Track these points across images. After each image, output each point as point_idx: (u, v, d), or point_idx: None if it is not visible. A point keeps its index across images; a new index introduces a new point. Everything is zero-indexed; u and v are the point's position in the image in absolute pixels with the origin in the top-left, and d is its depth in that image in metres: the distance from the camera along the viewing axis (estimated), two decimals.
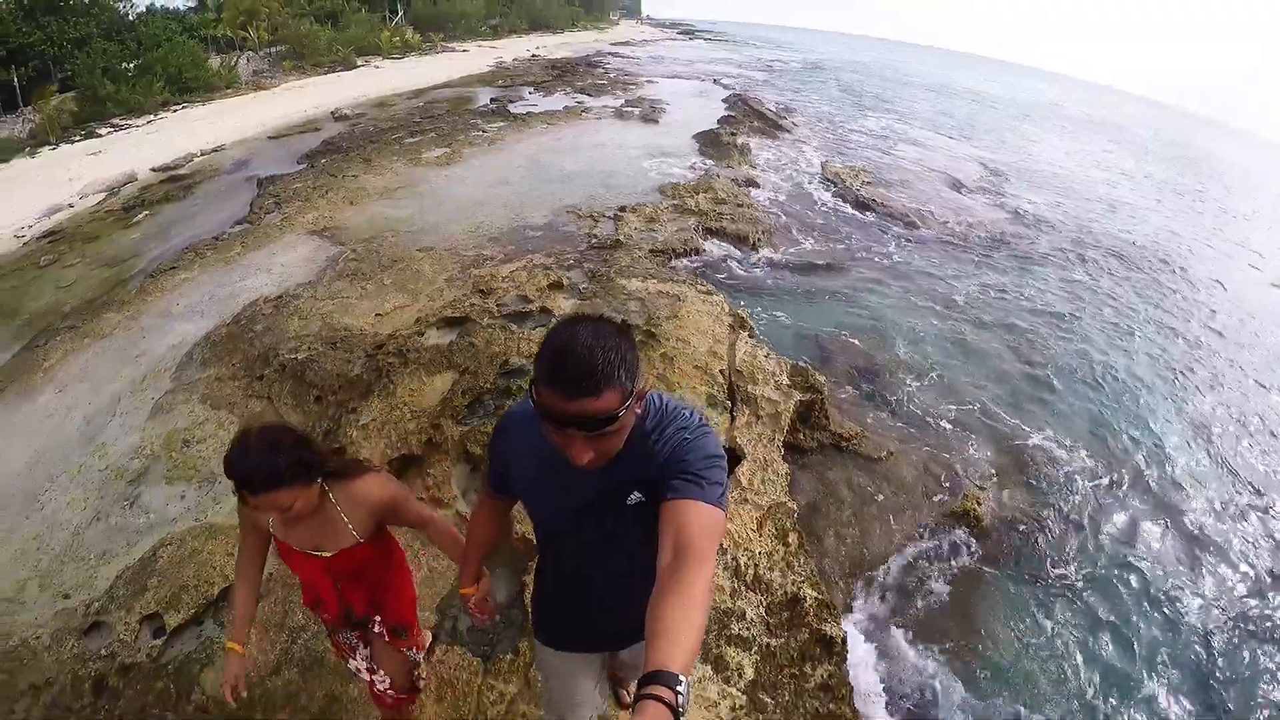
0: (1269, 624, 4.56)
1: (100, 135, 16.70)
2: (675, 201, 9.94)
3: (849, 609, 3.96)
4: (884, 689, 3.54)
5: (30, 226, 10.79)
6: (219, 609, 3.52)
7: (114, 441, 5.00)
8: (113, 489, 4.55)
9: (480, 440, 4.33)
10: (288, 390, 5.13)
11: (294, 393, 5.11)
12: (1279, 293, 12.01)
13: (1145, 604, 4.54)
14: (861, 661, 3.61)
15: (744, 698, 3.02)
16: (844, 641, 3.34)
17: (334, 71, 25.18)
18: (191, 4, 31.62)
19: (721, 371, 5.13)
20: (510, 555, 3.71)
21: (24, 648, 3.43)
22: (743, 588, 3.53)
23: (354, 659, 2.37)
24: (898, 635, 3.86)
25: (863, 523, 4.62)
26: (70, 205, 11.57)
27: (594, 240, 8.30)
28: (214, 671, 3.18)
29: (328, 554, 1.99)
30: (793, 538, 3.89)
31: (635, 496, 1.43)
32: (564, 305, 6.43)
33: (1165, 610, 4.51)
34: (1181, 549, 5.11)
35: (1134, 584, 4.69)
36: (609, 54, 36.54)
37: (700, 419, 1.47)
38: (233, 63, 23.33)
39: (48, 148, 16.03)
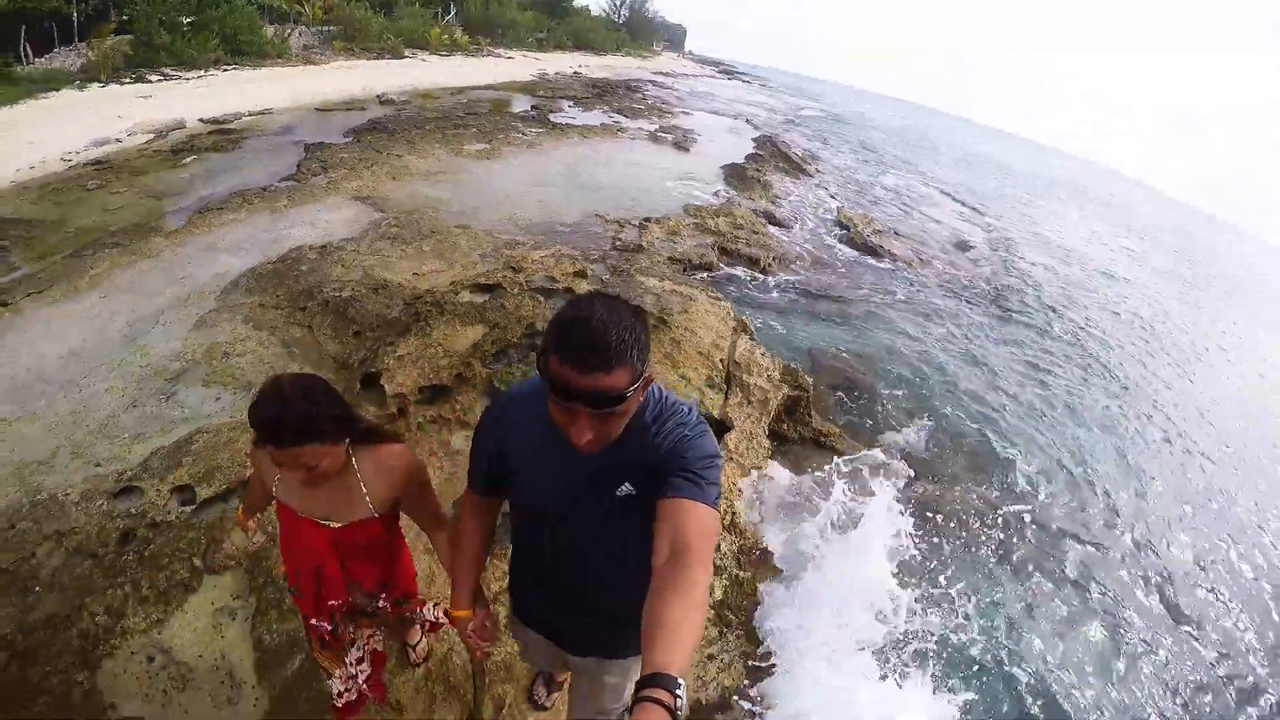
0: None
1: (150, 81, 17.38)
2: (697, 220, 10.70)
3: None
4: None
5: (77, 154, 11.33)
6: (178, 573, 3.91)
7: (156, 345, 5.45)
8: (151, 384, 4.99)
9: (505, 380, 4.83)
10: (328, 323, 5.62)
11: (334, 325, 5.60)
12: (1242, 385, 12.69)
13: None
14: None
15: (711, 613, 3.50)
16: None
17: (382, 58, 26.09)
18: None
19: (721, 360, 5.72)
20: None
21: (52, 501, 3.80)
22: (721, 528, 4.00)
23: (346, 658, 2.20)
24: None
25: None
26: (118, 140, 12.12)
27: (618, 242, 8.96)
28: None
29: (337, 525, 1.88)
30: None
31: (626, 489, 1.46)
32: (586, 289, 6.96)
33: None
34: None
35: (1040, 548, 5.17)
36: (648, 81, 37.64)
37: (697, 416, 1.49)
38: (286, 34, 24.22)
39: (97, 84, 16.64)
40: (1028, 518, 6.09)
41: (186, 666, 2.96)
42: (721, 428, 5.02)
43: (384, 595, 2.14)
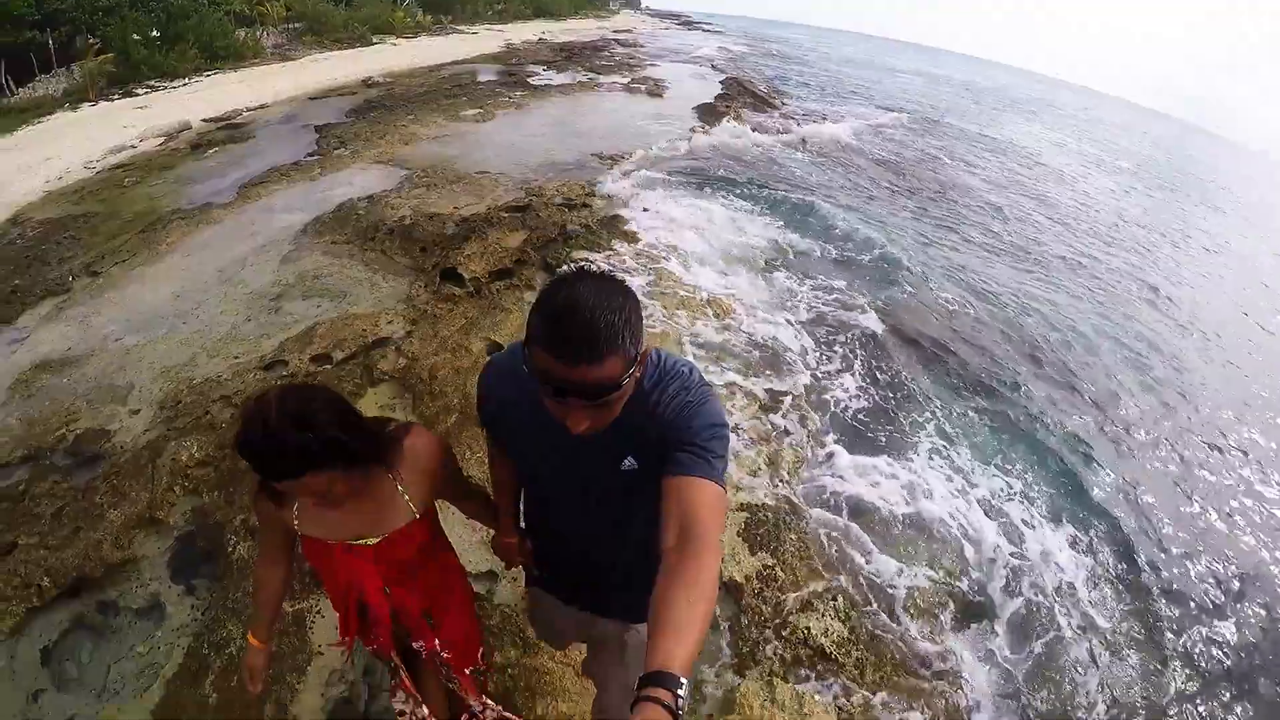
0: None
1: (138, 95, 18.76)
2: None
3: None
4: None
5: (98, 161, 12.75)
6: (377, 348, 5.34)
7: (250, 280, 6.90)
8: (258, 304, 6.44)
9: (557, 257, 6.28)
10: (397, 245, 7.12)
11: (402, 246, 7.10)
12: None
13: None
14: None
15: None
16: None
17: (352, 47, 27.52)
18: None
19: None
20: None
21: (208, 382, 5.22)
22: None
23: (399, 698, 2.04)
24: None
25: None
26: (133, 146, 13.53)
27: (616, 168, 11.19)
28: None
29: (374, 540, 1.67)
30: None
31: (629, 463, 1.46)
32: (599, 205, 8.56)
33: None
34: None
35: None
36: (612, 40, 39.60)
37: (700, 378, 1.46)
38: (257, 35, 25.59)
39: (87, 104, 18.01)
40: None
41: None
42: None
43: (437, 643, 1.94)
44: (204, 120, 14.97)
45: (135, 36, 20.74)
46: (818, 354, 6.38)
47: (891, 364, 6.65)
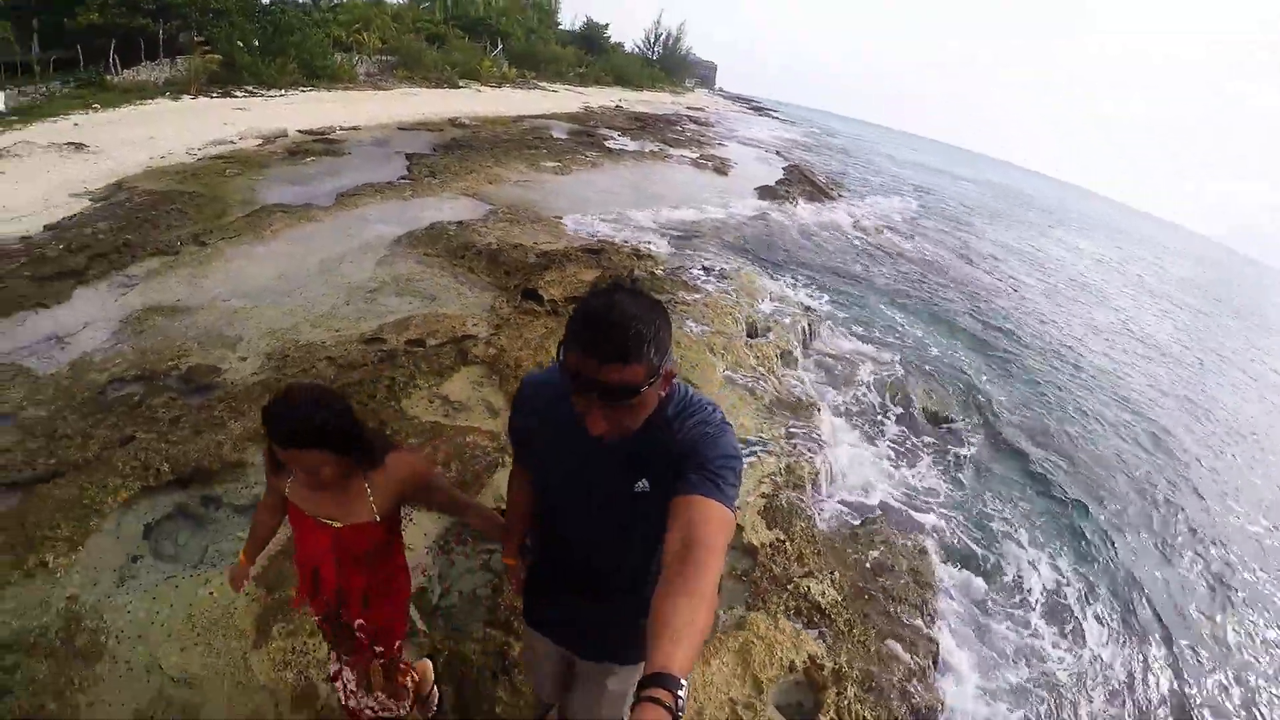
0: None
1: (236, 97, 20.58)
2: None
3: None
4: None
5: (199, 150, 14.22)
6: (466, 340, 6.34)
7: (349, 273, 8.02)
8: (356, 294, 7.53)
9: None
10: (483, 265, 8.28)
11: (488, 267, 8.24)
12: None
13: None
14: None
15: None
16: None
17: (440, 87, 29.78)
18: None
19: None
20: None
21: (313, 345, 6.26)
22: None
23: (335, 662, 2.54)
24: None
25: None
26: (232, 142, 15.05)
27: (679, 234, 12.63)
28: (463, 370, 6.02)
29: (339, 525, 2.11)
30: None
31: (642, 484, 1.60)
32: (662, 258, 9.97)
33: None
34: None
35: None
36: (685, 116, 42.19)
37: (722, 416, 1.62)
38: (354, 61, 27.84)
39: (187, 97, 19.82)
40: None
41: (459, 402, 5.45)
42: None
43: (360, 625, 2.35)
44: (300, 131, 16.56)
45: (240, 43, 22.75)
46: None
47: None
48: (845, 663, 3.87)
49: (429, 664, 3.13)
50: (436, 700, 3.10)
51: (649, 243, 11.23)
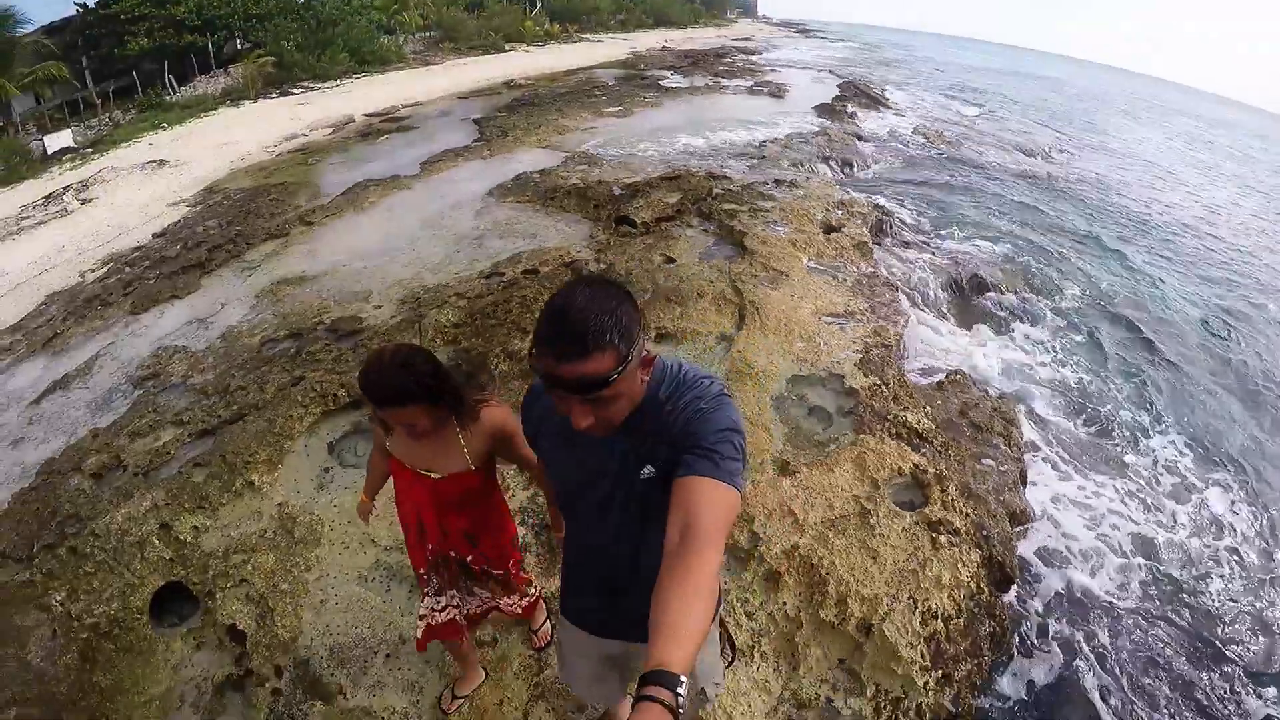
0: None
1: (294, 94, 21.64)
2: (802, 140, 14.85)
3: None
4: None
5: (275, 145, 15.23)
6: (576, 264, 6.97)
7: (452, 226, 8.74)
8: (464, 241, 8.23)
9: (709, 208, 8.16)
10: (574, 202, 8.91)
11: (578, 203, 8.88)
12: None
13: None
14: None
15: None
16: None
17: (487, 54, 30.48)
18: None
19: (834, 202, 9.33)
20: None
21: (442, 286, 6.96)
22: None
23: (434, 597, 2.69)
24: None
25: None
26: (304, 135, 16.06)
27: (748, 154, 12.97)
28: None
29: (437, 476, 2.34)
30: None
31: (648, 471, 1.62)
32: (736, 177, 10.54)
33: None
34: None
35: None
36: (732, 48, 41.83)
37: (720, 389, 1.63)
38: (401, 41, 28.78)
39: (248, 102, 20.95)
40: None
41: None
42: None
43: (473, 555, 2.61)
44: (365, 115, 17.48)
45: (286, 43, 23.85)
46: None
47: None
48: (945, 469, 4.54)
49: (542, 603, 3.33)
50: (548, 634, 3.34)
51: (721, 165, 11.70)
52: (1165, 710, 3.85)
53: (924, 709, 3.26)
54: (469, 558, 2.60)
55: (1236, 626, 4.57)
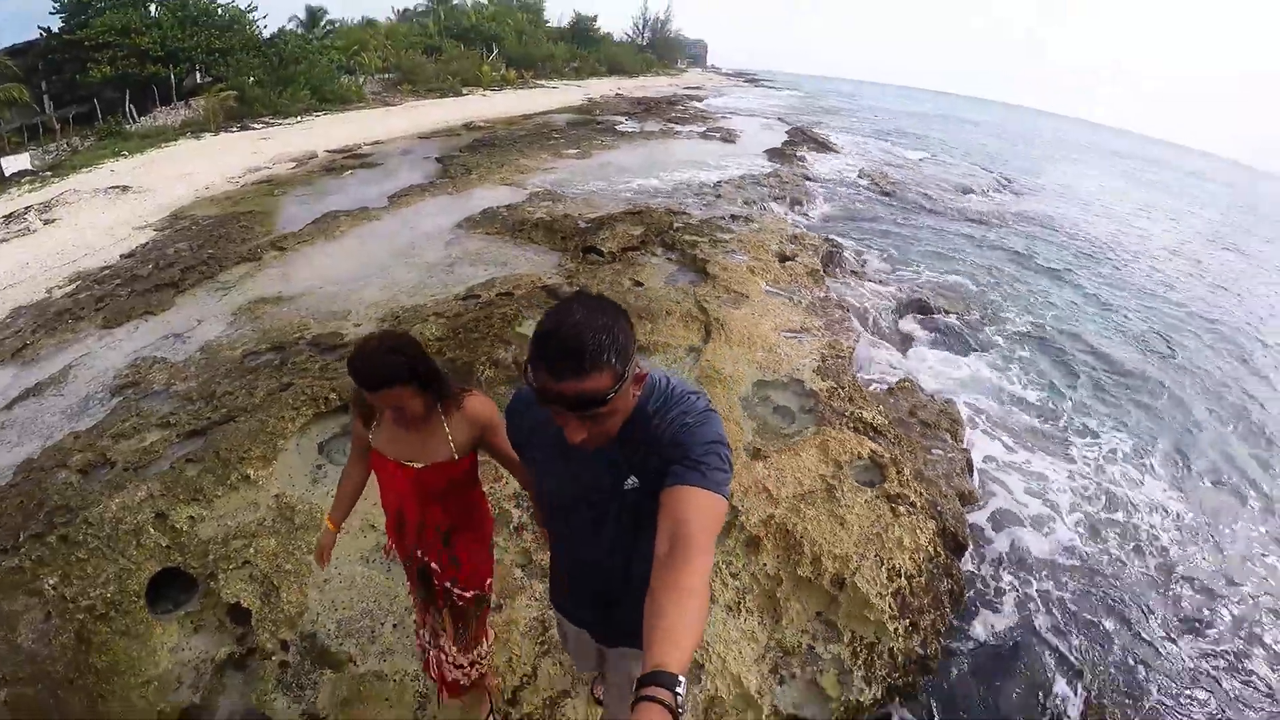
0: None
1: (255, 129, 21.70)
2: (754, 181, 15.52)
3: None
4: None
5: (239, 176, 15.30)
6: (538, 295, 7.26)
7: (423, 255, 8.98)
8: (435, 269, 8.48)
9: (672, 239, 8.45)
10: (540, 234, 9.27)
11: (545, 235, 9.22)
12: None
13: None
14: None
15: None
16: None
17: (446, 96, 30.99)
18: (300, 29, 38.34)
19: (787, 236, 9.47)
20: None
21: (415, 307, 7.18)
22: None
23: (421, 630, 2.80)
24: None
25: None
26: (268, 167, 16.15)
27: (704, 193, 13.52)
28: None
29: (420, 465, 2.36)
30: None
31: (632, 481, 1.67)
32: (694, 214, 10.94)
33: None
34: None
35: None
36: (684, 96, 43.50)
37: (706, 404, 1.68)
38: (361, 82, 29.08)
39: (209, 134, 20.94)
40: None
41: None
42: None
43: (443, 558, 2.59)
44: (328, 150, 17.65)
45: (248, 78, 24.01)
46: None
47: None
48: (900, 455, 5.06)
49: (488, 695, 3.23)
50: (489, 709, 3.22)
51: (680, 203, 12.21)
52: (1107, 651, 4.51)
53: (895, 652, 3.66)
54: (433, 564, 2.59)
55: (1165, 582, 5.37)
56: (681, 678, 1.13)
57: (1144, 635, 4.75)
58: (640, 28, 76.62)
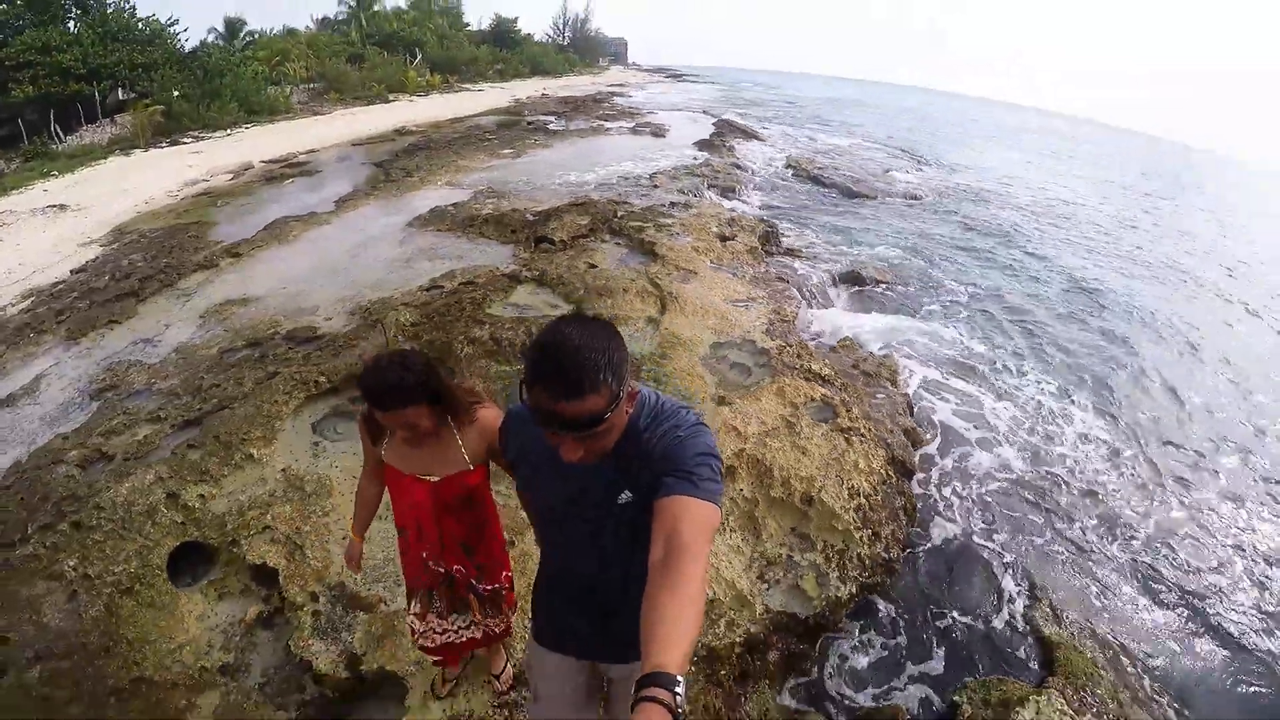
0: None
1: (184, 143, 21.39)
2: (687, 171, 16.13)
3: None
4: None
5: (178, 190, 15.18)
6: (501, 281, 7.63)
7: (379, 253, 9.23)
8: (394, 264, 8.76)
9: (619, 227, 8.91)
10: (491, 229, 9.62)
11: (495, 229, 9.59)
12: None
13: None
14: None
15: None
16: None
17: (373, 104, 30.80)
18: (220, 41, 37.67)
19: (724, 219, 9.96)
20: None
21: (383, 299, 7.44)
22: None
23: (431, 621, 2.75)
24: None
25: None
26: (205, 180, 16.03)
27: (641, 185, 13.99)
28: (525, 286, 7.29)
29: (435, 479, 2.36)
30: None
31: (626, 495, 1.68)
32: (636, 203, 11.42)
33: None
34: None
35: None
36: (609, 94, 43.76)
37: (696, 418, 1.72)
38: (288, 93, 28.78)
39: (138, 151, 20.57)
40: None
41: (528, 304, 6.88)
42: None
43: (465, 567, 2.61)
44: (263, 161, 17.57)
45: (176, 93, 23.63)
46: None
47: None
48: (848, 398, 5.72)
49: (503, 649, 3.39)
50: (510, 679, 3.35)
51: (619, 194, 12.68)
52: (1045, 551, 5.37)
53: (863, 557, 4.26)
54: (457, 570, 2.62)
55: (1092, 496, 6.26)
56: (680, 678, 1.14)
57: (1075, 539, 5.56)
58: (561, 28, 77.21)
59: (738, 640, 3.72)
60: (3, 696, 3.31)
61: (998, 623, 4.57)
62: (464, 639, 2.84)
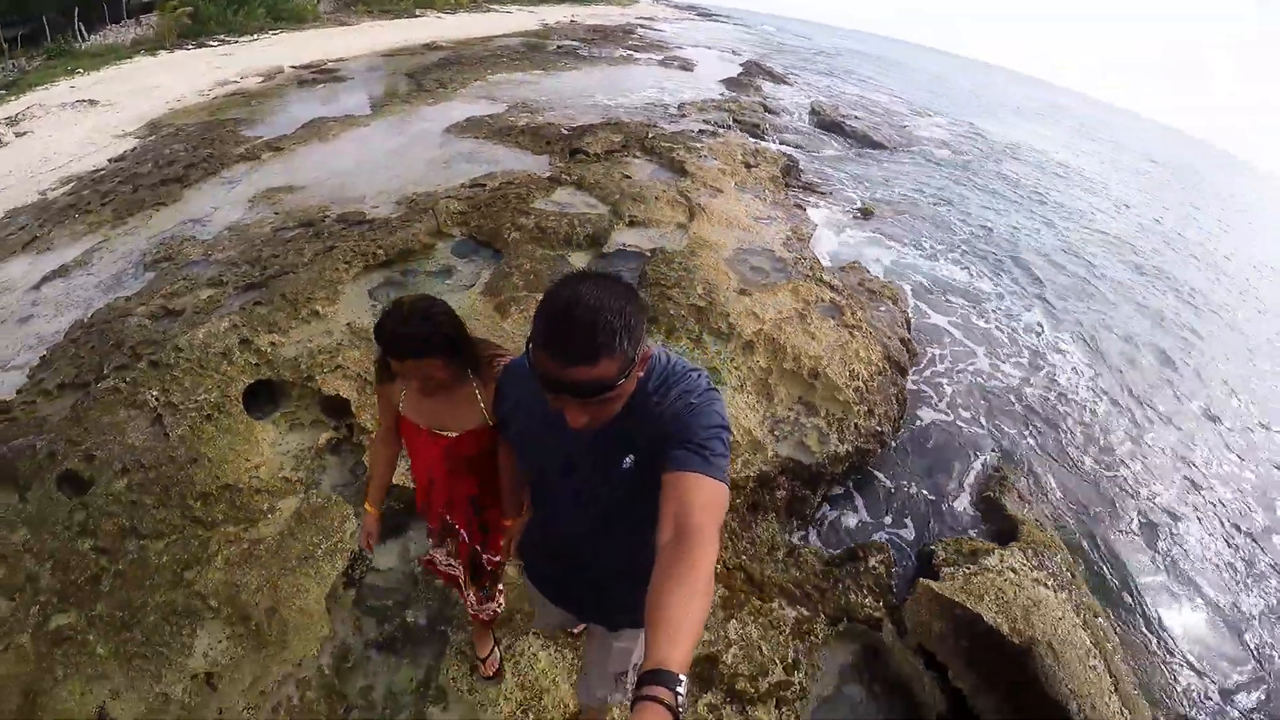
0: None
1: (210, 46, 21.54)
2: (715, 104, 16.46)
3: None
4: None
5: (209, 90, 15.51)
6: (542, 183, 8.14)
7: (419, 154, 9.69)
8: (434, 165, 9.24)
9: (651, 145, 9.53)
10: (528, 139, 10.07)
11: (532, 140, 10.04)
12: None
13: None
14: None
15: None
16: None
17: (400, 18, 30.77)
18: None
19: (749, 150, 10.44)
20: None
21: (430, 192, 7.92)
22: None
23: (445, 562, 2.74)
24: None
25: None
26: (235, 81, 16.32)
27: (670, 113, 14.43)
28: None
29: (452, 434, 2.27)
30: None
31: (628, 462, 1.60)
32: (665, 128, 11.89)
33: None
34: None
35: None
36: (638, 26, 43.44)
37: (707, 382, 1.60)
38: (315, 0, 28.77)
39: (164, 52, 20.76)
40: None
41: (567, 202, 7.53)
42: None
43: (471, 529, 2.56)
44: (293, 66, 17.81)
45: None
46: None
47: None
48: (855, 302, 6.40)
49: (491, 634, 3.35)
50: (496, 664, 3.32)
51: (649, 118, 13.04)
52: (1017, 445, 6.17)
53: (859, 427, 4.98)
54: (463, 531, 2.59)
55: (1069, 401, 7.25)
56: (682, 676, 1.10)
57: (1049, 442, 6.33)
58: None
59: (752, 475, 4.38)
60: (92, 503, 3.76)
61: (971, 496, 5.30)
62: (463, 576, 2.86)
